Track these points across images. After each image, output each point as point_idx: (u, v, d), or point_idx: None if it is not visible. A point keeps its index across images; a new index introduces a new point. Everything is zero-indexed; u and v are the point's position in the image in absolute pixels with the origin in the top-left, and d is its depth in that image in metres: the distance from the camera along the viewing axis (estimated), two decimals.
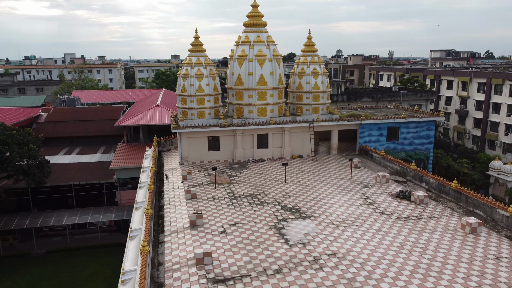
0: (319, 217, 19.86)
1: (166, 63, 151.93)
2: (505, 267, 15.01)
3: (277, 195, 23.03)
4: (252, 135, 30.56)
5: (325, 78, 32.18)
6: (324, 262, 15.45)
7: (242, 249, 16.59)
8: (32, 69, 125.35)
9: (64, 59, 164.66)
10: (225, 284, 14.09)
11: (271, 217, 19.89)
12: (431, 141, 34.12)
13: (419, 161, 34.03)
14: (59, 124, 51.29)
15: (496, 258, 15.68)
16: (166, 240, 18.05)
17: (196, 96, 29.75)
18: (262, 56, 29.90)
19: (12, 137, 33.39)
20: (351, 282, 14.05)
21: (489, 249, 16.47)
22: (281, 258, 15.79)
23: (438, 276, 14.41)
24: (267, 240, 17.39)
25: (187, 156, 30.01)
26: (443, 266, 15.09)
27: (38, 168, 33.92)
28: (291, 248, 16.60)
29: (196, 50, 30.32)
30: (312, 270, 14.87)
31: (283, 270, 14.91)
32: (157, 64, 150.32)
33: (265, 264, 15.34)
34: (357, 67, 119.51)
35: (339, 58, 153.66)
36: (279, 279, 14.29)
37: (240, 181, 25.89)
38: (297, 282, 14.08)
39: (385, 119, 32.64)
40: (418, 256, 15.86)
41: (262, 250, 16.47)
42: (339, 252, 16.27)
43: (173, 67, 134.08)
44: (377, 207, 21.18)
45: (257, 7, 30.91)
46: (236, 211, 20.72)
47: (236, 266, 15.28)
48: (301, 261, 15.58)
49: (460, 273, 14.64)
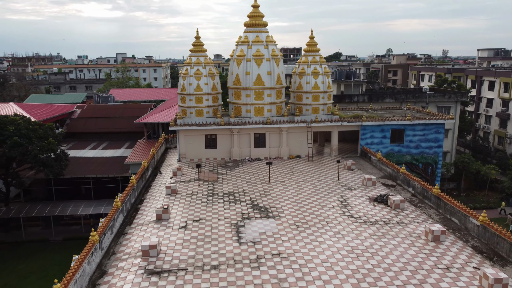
0: (284, 217, 19.87)
1: None
2: (450, 278, 14.32)
3: (254, 194, 23.25)
4: (249, 134, 30.89)
5: (326, 78, 31.77)
6: (264, 261, 15.56)
7: (192, 244, 17.08)
8: (84, 68, 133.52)
9: (116, 58, 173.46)
10: (159, 275, 14.67)
11: (237, 215, 20.19)
12: (440, 145, 32.57)
13: (427, 165, 32.63)
14: (90, 120, 54.46)
15: (445, 268, 14.97)
16: (130, 232, 18.94)
17: (194, 95, 30.59)
18: (259, 56, 30.12)
19: (34, 131, 36.10)
20: (280, 282, 14.09)
21: (443, 258, 15.73)
22: (224, 255, 16.10)
23: (373, 282, 14.06)
24: (221, 237, 17.74)
25: (185, 153, 30.94)
26: (384, 273, 14.67)
27: (56, 160, 36.40)
28: (239, 246, 16.85)
29: (196, 50, 31.15)
30: (248, 268, 15.06)
31: (221, 267, 15.22)
32: None
33: (206, 260, 15.73)
34: (400, 67, 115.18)
35: (383, 57, 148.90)
36: (212, 275, 14.64)
37: (227, 179, 26.35)
38: (227, 279, 14.35)
39: (389, 120, 31.63)
40: (364, 261, 15.52)
41: (211, 247, 16.87)
42: (285, 252, 16.29)
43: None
44: (349, 210, 20.78)
45: (257, 7, 31.17)
46: (206, 208, 21.23)
47: (178, 260, 15.81)
48: (243, 259, 15.80)
49: (398, 280, 14.18)
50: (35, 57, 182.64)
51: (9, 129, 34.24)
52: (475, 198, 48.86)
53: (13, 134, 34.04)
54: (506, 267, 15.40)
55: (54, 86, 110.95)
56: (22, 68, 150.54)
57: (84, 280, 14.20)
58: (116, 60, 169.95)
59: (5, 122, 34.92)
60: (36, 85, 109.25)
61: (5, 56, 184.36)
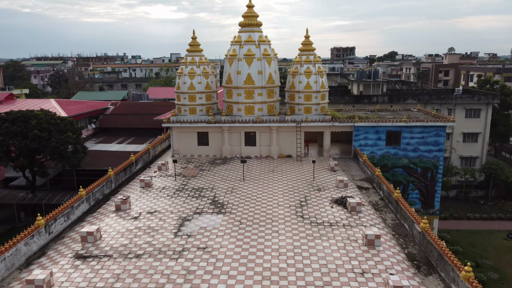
0: (234, 214, 20.25)
1: None
2: (358, 283, 13.98)
3: (220, 191, 23.80)
4: (240, 132, 31.41)
5: (320, 78, 31.39)
6: (186, 254, 16.15)
7: (132, 234, 18.07)
8: (136, 67, 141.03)
9: (170, 58, 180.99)
10: (84, 259, 15.80)
11: (191, 210, 20.89)
12: (440, 149, 30.89)
13: (426, 169, 31.11)
14: (120, 117, 57.84)
15: (360, 273, 14.61)
16: (88, 220, 20.34)
17: (188, 93, 31.69)
18: (250, 55, 30.52)
19: (55, 125, 39.29)
20: (187, 274, 14.61)
21: (365, 263, 15.31)
22: (154, 246, 16.90)
23: (276, 281, 14.13)
24: (162, 229, 18.55)
25: (178, 149, 32.17)
26: (293, 272, 14.64)
27: (73, 153, 39.33)
28: (173, 238, 17.57)
29: (192, 50, 32.22)
30: (166, 259, 15.73)
31: (143, 255, 16.05)
32: None
33: (134, 249, 16.63)
34: (453, 66, 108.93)
35: (437, 56, 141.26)
36: (130, 262, 15.49)
37: (206, 175, 27.13)
38: (141, 267, 15.13)
39: (383, 122, 30.58)
40: (282, 260, 15.53)
41: (147, 237, 17.74)
42: (211, 246, 16.74)
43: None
44: (303, 210, 20.66)
45: (252, 7, 31.57)
46: (167, 202, 22.16)
47: (111, 247, 16.86)
48: (169, 250, 16.50)
49: (302, 281, 14.11)
50: (97, 57, 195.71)
51: (31, 123, 37.58)
52: (503, 207, 45.59)
53: (35, 127, 37.30)
54: (428, 276, 14.72)
55: (107, 84, 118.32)
56: (85, 67, 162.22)
57: (18, 259, 15.67)
58: (171, 59, 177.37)
59: (29, 116, 38.36)
60: (91, 83, 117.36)
61: (71, 56, 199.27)
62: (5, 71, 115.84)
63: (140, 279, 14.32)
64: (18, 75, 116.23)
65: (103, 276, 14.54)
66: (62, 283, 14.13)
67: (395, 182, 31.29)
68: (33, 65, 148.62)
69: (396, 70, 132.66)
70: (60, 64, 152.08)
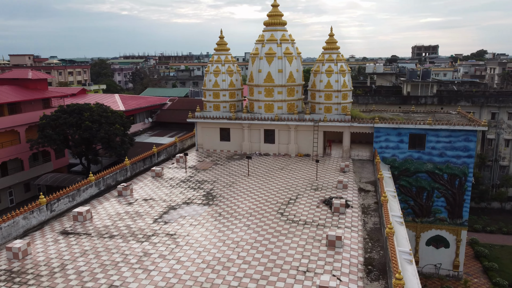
0: (219, 206, 21.04)
1: None
2: (294, 280, 14.05)
3: (219, 184, 24.72)
4: (259, 129, 32.01)
5: (342, 77, 30.78)
6: (153, 238, 17.36)
7: (118, 217, 19.77)
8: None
9: (244, 57, 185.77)
10: (66, 235, 17.79)
11: (182, 200, 22.12)
12: (470, 155, 28.57)
13: (453, 176, 29.02)
14: (175, 112, 61.36)
15: (303, 271, 14.61)
16: (92, 202, 22.52)
17: (212, 91, 33.06)
18: (271, 54, 30.95)
19: (106, 118, 43.26)
20: (144, 256, 15.79)
21: (314, 262, 15.22)
22: (131, 229, 18.39)
23: (217, 270, 14.72)
24: (146, 215, 20.01)
25: (202, 143, 33.71)
26: (238, 265, 15.09)
27: (120, 144, 42.94)
28: (150, 223, 18.92)
29: (219, 49, 33.50)
30: (134, 241, 17.08)
31: (116, 237, 17.59)
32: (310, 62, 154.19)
33: (113, 230, 18.26)
34: None
35: None
36: (102, 241, 17.11)
37: (216, 169, 28.24)
38: (108, 246, 16.65)
39: (406, 123, 29.11)
40: (236, 252, 16.05)
41: (129, 221, 19.31)
42: (180, 234, 17.75)
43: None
44: (286, 208, 20.79)
45: (277, 6, 31.92)
46: (165, 191, 23.66)
47: (94, 227, 18.70)
48: (141, 233, 17.85)
49: (241, 272, 14.52)
50: (177, 56, 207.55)
51: (85, 115, 41.82)
52: None
53: (87, 119, 41.46)
54: (374, 282, 14.26)
55: (180, 82, 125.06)
56: (165, 65, 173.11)
57: (16, 230, 18.12)
58: (244, 58, 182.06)
59: (83, 109, 42.71)
60: (166, 80, 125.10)
61: (155, 55, 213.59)
62: (93, 68, 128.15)
63: (101, 257, 15.83)
64: (103, 72, 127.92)
65: (73, 251, 16.31)
66: (38, 253, 16.15)
67: (418, 188, 29.76)
68: (118, 63, 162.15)
69: (480, 71, 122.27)
70: (142, 63, 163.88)
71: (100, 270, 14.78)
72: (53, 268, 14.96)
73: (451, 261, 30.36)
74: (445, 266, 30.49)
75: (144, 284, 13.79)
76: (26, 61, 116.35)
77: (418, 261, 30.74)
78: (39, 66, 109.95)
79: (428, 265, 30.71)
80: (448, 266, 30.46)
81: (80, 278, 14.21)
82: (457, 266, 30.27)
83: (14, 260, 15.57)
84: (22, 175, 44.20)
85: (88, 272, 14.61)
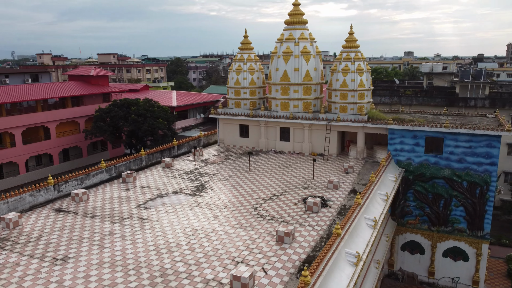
0: (202, 197, 22.17)
1: (398, 60, 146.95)
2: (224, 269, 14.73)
3: (216, 178, 25.82)
4: (275, 127, 32.49)
5: (358, 76, 30.00)
6: (126, 220, 19.07)
7: (108, 201, 21.88)
8: None
9: None
10: (58, 212, 20.26)
11: (174, 189, 23.63)
12: (493, 162, 26.21)
13: (473, 185, 26.89)
14: None
15: (237, 262, 15.19)
16: (99, 186, 25.03)
17: (233, 88, 34.24)
18: (288, 52, 31.24)
19: (152, 112, 46.69)
20: (108, 235, 17.53)
21: (255, 255, 15.68)
22: (114, 211, 20.32)
23: (168, 257, 15.91)
24: (134, 201, 21.84)
25: (223, 139, 35.08)
26: (183, 250, 16.12)
27: (162, 137, 46.08)
28: (132, 208, 20.68)
29: (244, 48, 34.54)
30: (108, 222, 18.94)
31: (97, 217, 19.61)
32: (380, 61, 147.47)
33: (97, 211, 20.35)
34: None
35: None
36: (83, 220, 19.23)
37: (224, 163, 29.40)
38: (85, 224, 18.70)
39: (422, 126, 27.56)
40: (188, 238, 17.08)
41: (116, 205, 21.29)
42: (151, 219, 19.24)
43: (403, 64, 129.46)
44: (262, 203, 21.24)
45: (298, 5, 32.07)
46: (164, 180, 25.39)
47: (84, 207, 20.98)
48: (120, 216, 19.68)
49: (182, 257, 15.54)
50: None
51: (132, 109, 45.60)
52: None
53: (133, 113, 45.18)
54: None
55: None
56: None
57: (22, 205, 21.05)
58: None
59: (131, 104, 46.56)
60: None
61: (232, 54, 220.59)
62: (169, 66, 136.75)
63: (74, 231, 17.92)
64: (178, 70, 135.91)
65: (55, 225, 18.64)
66: (27, 225, 18.74)
67: (434, 195, 28.11)
68: (195, 62, 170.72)
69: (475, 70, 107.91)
70: (217, 61, 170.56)
71: (65, 243, 16.80)
72: (30, 238, 17.34)
73: (470, 276, 28.13)
74: (464, 281, 28.33)
75: (91, 258, 15.46)
76: (111, 60, 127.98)
77: (433, 272, 29.00)
78: (121, 64, 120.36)
79: (444, 278, 28.80)
80: (467, 281, 28.26)
81: (45, 249, 16.34)
82: (477, 282, 27.96)
83: (6, 229, 18.27)
84: (80, 161, 49.47)
85: (54, 244, 16.70)
